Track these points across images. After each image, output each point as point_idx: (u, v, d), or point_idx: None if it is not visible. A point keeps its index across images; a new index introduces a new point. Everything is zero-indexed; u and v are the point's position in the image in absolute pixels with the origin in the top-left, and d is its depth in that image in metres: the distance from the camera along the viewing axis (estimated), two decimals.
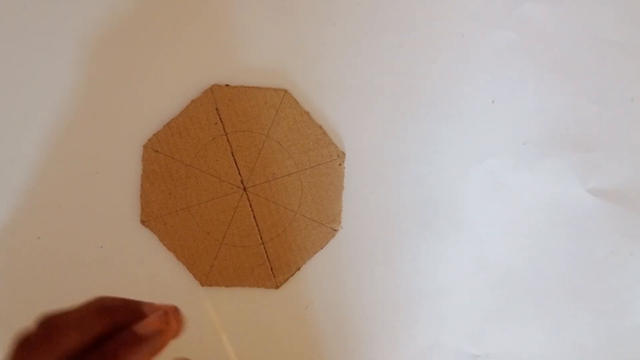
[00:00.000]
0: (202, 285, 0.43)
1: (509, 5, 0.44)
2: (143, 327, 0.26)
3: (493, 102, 0.44)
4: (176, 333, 0.28)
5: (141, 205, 0.43)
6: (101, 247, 0.43)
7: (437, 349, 0.44)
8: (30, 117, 0.43)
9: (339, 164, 0.43)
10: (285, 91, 0.43)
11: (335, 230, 0.43)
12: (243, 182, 0.43)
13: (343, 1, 0.44)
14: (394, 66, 0.44)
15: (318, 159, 0.43)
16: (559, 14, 0.44)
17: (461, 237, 0.44)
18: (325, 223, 0.43)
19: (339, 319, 0.44)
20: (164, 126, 0.43)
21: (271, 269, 0.43)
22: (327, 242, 0.43)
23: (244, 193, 0.43)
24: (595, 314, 0.44)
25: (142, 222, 0.43)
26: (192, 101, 0.43)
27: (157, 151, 0.43)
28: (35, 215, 0.43)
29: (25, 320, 0.42)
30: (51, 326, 0.26)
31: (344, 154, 0.43)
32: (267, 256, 0.43)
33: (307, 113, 0.43)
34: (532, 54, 0.44)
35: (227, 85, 0.43)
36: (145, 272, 0.43)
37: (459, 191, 0.44)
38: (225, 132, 0.43)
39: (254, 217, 0.43)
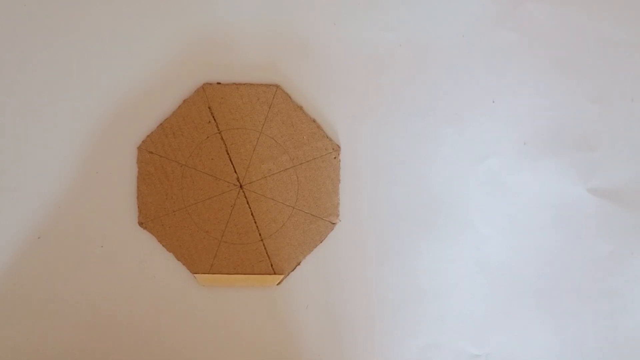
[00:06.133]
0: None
1: (509, 5, 0.44)
2: None
3: (493, 102, 0.44)
4: None
5: (138, 207, 0.43)
6: (101, 247, 0.43)
7: (437, 349, 0.44)
8: (29, 118, 0.43)
9: (334, 157, 0.43)
10: (277, 86, 0.43)
11: (334, 223, 0.43)
12: (239, 179, 0.43)
13: (343, 1, 0.44)
14: (394, 66, 0.44)
15: (313, 153, 0.43)
16: (559, 14, 0.44)
17: (461, 236, 0.44)
18: (323, 217, 0.43)
19: (338, 318, 0.44)
20: (157, 127, 0.43)
21: (271, 265, 0.43)
22: (326, 236, 0.43)
23: (241, 190, 0.43)
24: (595, 314, 0.44)
25: (140, 224, 0.43)
26: (184, 101, 0.43)
27: (151, 152, 0.43)
28: (35, 215, 0.43)
29: (26, 320, 0.42)
30: None
31: (338, 147, 0.43)
32: (267, 253, 0.43)
33: (300, 107, 0.43)
34: (532, 54, 0.44)
35: (219, 83, 0.43)
36: (146, 272, 0.43)
37: (459, 191, 0.44)
38: (218, 130, 0.43)
39: (252, 214, 0.43)
